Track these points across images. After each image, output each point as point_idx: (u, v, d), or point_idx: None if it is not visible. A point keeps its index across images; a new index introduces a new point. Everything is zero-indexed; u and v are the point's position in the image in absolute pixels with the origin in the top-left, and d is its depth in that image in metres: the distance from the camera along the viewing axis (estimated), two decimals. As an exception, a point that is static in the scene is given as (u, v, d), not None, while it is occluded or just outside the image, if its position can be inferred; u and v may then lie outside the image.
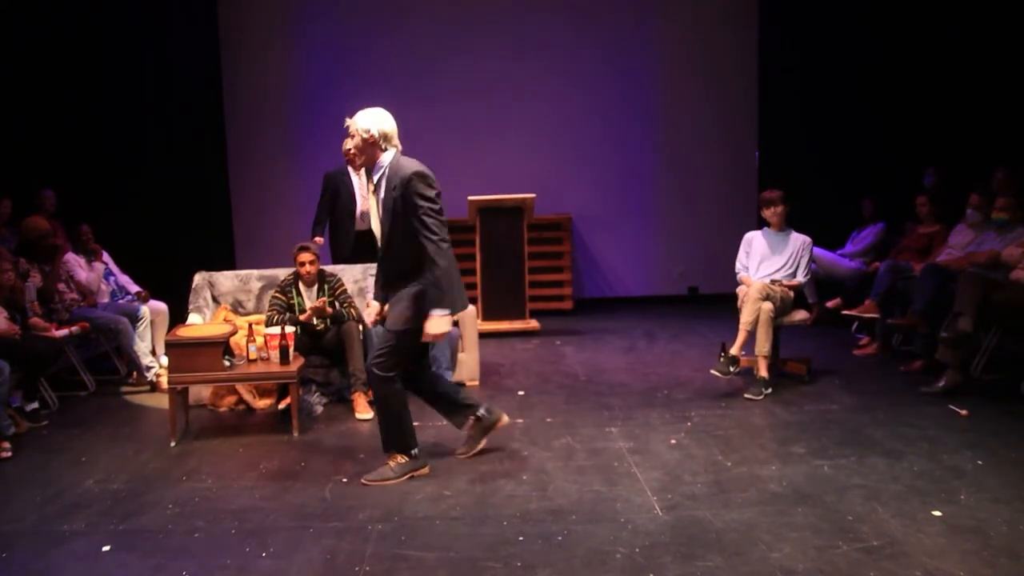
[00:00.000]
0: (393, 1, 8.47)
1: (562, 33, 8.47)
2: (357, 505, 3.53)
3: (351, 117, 3.73)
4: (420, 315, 3.64)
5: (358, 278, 5.69)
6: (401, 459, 3.83)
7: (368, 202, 6.46)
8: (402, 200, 3.59)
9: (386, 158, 3.69)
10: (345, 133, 6.58)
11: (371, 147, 3.68)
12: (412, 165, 3.62)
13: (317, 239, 6.16)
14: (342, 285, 5.27)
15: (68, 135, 7.35)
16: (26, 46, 7.01)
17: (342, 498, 3.62)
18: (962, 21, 6.99)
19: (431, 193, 3.59)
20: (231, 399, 5.14)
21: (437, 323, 3.58)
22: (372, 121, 3.67)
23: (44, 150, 7.08)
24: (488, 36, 8.48)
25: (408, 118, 8.18)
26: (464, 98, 8.48)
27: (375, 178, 3.72)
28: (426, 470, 3.89)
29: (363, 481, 3.77)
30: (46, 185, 6.56)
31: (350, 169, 6.58)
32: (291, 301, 5.11)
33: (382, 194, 3.69)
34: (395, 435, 3.84)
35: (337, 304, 5.13)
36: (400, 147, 3.74)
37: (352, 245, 6.23)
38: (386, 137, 3.69)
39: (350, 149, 3.75)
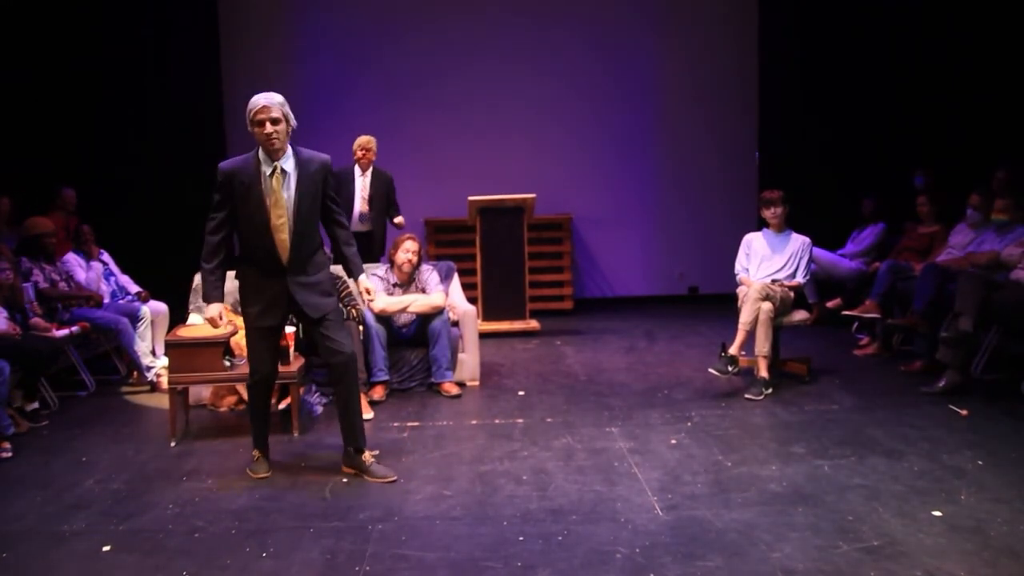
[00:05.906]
0: (394, 2, 8.48)
1: (562, 35, 8.47)
2: (357, 505, 3.53)
3: (266, 98, 3.50)
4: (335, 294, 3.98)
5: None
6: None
7: (365, 203, 6.52)
8: (323, 183, 3.70)
9: (288, 144, 3.63)
10: (355, 134, 6.66)
11: (289, 135, 3.60)
12: (315, 152, 3.71)
13: None
14: (347, 287, 5.26)
15: (68, 135, 7.34)
16: (26, 47, 7.00)
17: (342, 498, 3.62)
18: (962, 21, 6.98)
19: None
20: (231, 399, 5.14)
21: (368, 282, 3.97)
22: (288, 108, 3.59)
23: (44, 150, 7.07)
24: (489, 37, 8.49)
25: (409, 118, 8.47)
26: (465, 98, 8.49)
27: (290, 164, 3.60)
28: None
29: (368, 479, 3.79)
30: (66, 184, 6.60)
31: (357, 170, 6.56)
32: None
33: (294, 180, 3.60)
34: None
35: (340, 305, 5.11)
36: None
37: None
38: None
39: (271, 134, 3.47)
